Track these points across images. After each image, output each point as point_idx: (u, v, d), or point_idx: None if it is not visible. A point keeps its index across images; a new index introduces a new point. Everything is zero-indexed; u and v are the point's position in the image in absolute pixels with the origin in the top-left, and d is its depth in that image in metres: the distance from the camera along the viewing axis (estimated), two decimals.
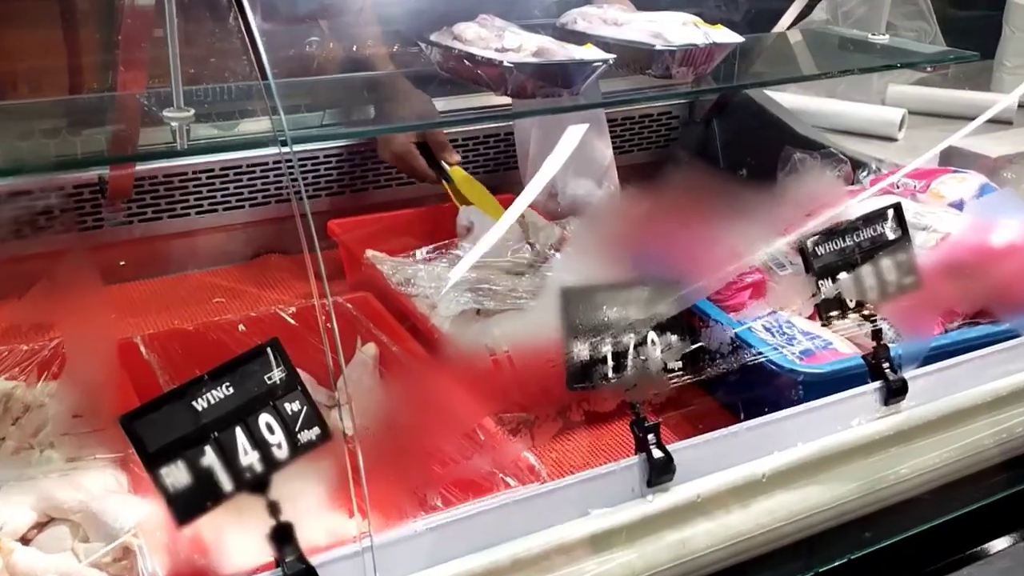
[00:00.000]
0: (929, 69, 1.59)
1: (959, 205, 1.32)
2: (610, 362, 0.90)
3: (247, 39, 0.78)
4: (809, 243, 1.01)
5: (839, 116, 1.81)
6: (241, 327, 1.15)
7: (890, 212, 1.06)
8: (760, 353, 1.09)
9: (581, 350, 0.90)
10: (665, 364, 0.93)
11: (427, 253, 1.42)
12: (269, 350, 0.77)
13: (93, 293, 1.02)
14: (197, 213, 1.51)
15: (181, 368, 1.10)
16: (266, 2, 1.52)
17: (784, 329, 1.20)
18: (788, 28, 1.72)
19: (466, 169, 1.50)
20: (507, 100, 1.11)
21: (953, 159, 1.52)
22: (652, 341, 0.93)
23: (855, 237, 1.04)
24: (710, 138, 1.91)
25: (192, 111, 0.91)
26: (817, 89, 1.98)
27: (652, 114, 1.85)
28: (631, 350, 0.91)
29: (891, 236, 1.06)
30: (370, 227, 1.48)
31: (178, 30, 0.91)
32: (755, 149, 1.79)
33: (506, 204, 1.31)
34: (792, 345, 1.17)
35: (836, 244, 1.04)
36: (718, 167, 1.89)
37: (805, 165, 1.48)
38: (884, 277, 1.05)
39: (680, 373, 0.95)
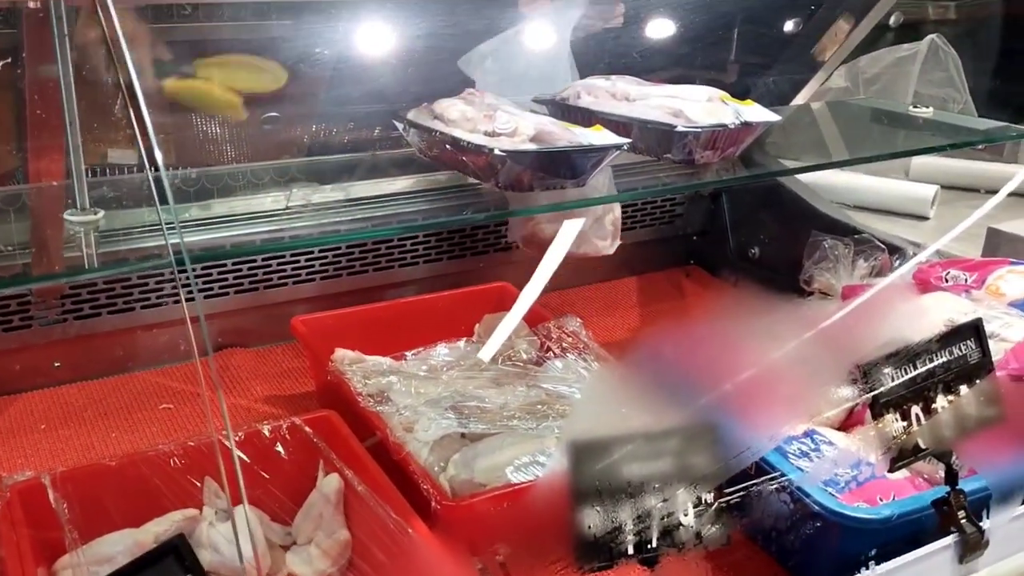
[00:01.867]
0: (981, 147, 1.42)
1: (1022, 305, 1.14)
2: (629, 533, 0.71)
3: (137, 131, 0.60)
4: (871, 378, 0.82)
5: (863, 191, 1.64)
6: (174, 461, 0.95)
7: (970, 330, 0.88)
8: (802, 495, 0.90)
9: (592, 520, 0.70)
10: (699, 532, 0.74)
11: (410, 356, 1.24)
12: (173, 556, 0.57)
13: None
14: (143, 307, 1.32)
15: (96, 517, 0.90)
16: None
17: (818, 444, 1.02)
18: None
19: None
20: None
21: (1002, 246, 1.35)
22: (682, 503, 0.73)
23: (927, 362, 0.85)
24: (718, 215, 1.73)
25: (99, 213, 0.72)
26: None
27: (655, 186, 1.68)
28: (657, 520, 0.71)
29: (972, 359, 0.88)
30: (341, 323, 1.29)
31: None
32: (769, 228, 1.62)
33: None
34: (836, 479, 0.99)
35: (905, 372, 0.85)
36: (726, 246, 1.72)
37: (837, 253, 1.30)
38: (963, 411, 0.86)
39: (718, 538, 0.75)
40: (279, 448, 1.01)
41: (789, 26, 1.50)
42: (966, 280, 1.20)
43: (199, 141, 1.17)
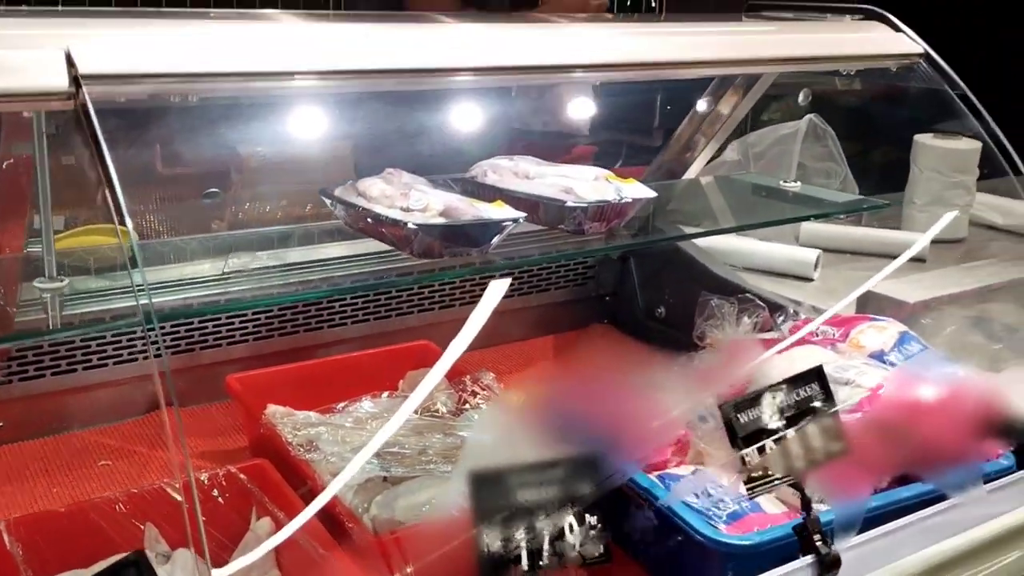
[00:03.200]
0: (842, 217, 1.60)
1: (879, 356, 1.29)
2: (524, 556, 0.82)
3: (112, 206, 0.71)
4: (730, 410, 0.96)
5: (754, 255, 1.81)
6: (119, 507, 1.04)
7: (814, 375, 1.02)
8: (683, 525, 1.03)
9: (492, 542, 0.82)
10: (583, 555, 0.86)
11: (338, 409, 1.34)
12: (132, 568, 0.67)
13: None
14: (84, 369, 1.40)
15: (50, 559, 0.99)
16: (169, 153, 1.48)
17: (710, 490, 1.15)
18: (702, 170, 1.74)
19: None
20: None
21: (869, 304, 1.51)
22: (571, 527, 0.85)
23: (779, 402, 0.99)
24: (627, 276, 1.89)
25: (65, 280, 0.83)
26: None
27: (567, 250, 1.83)
28: (546, 541, 0.83)
29: (817, 400, 1.02)
30: (273, 380, 1.39)
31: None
32: (672, 289, 1.78)
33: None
34: (719, 508, 1.11)
35: (760, 411, 0.99)
36: (635, 306, 1.87)
37: (723, 311, 1.45)
38: (811, 444, 1.01)
39: (602, 559, 0.88)
40: (216, 495, 1.10)
41: (676, 110, 1.68)
42: (833, 334, 1.36)
43: (144, 215, 1.28)
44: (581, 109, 1.68)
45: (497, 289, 1.19)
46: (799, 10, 1.48)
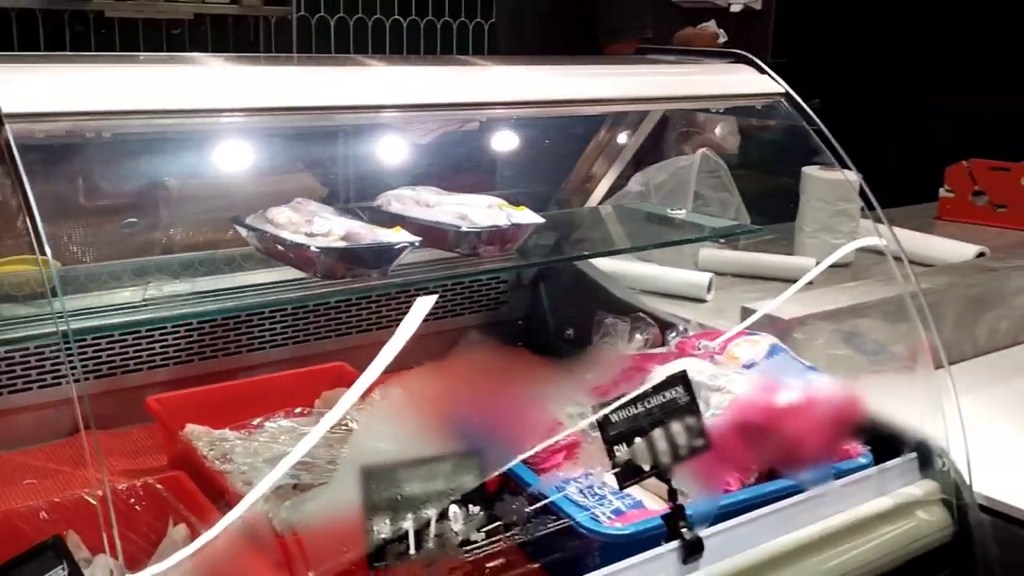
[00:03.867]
0: (722, 241, 1.74)
1: (751, 366, 1.42)
2: (411, 539, 0.92)
3: (33, 236, 0.80)
4: (604, 412, 1.08)
5: (653, 279, 1.94)
6: (43, 514, 1.11)
7: (679, 379, 1.14)
8: (565, 517, 1.13)
9: (381, 529, 0.91)
10: (467, 537, 0.96)
11: (254, 425, 1.42)
12: (51, 550, 0.75)
13: None
14: (9, 393, 1.46)
15: None
16: (91, 186, 1.56)
17: (596, 490, 1.25)
18: (602, 201, 1.87)
19: None
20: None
21: (755, 320, 1.64)
22: (454, 515, 0.95)
23: (646, 404, 1.11)
24: (537, 301, 2.00)
25: None
26: (636, 253, 2.13)
27: (481, 279, 1.94)
28: (431, 526, 0.93)
29: (681, 402, 1.14)
30: (193, 401, 1.47)
31: None
32: (578, 311, 1.89)
33: None
34: (603, 506, 1.22)
35: (629, 411, 1.10)
36: (547, 328, 1.98)
37: (617, 329, 1.57)
38: (676, 441, 1.12)
39: (484, 544, 0.98)
40: (134, 503, 1.18)
41: (578, 144, 1.81)
42: (713, 348, 1.49)
43: (63, 243, 1.36)
44: (488, 143, 1.80)
45: (423, 305, 1.30)
46: (680, 54, 1.62)
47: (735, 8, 4.56)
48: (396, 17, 5.29)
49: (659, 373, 1.37)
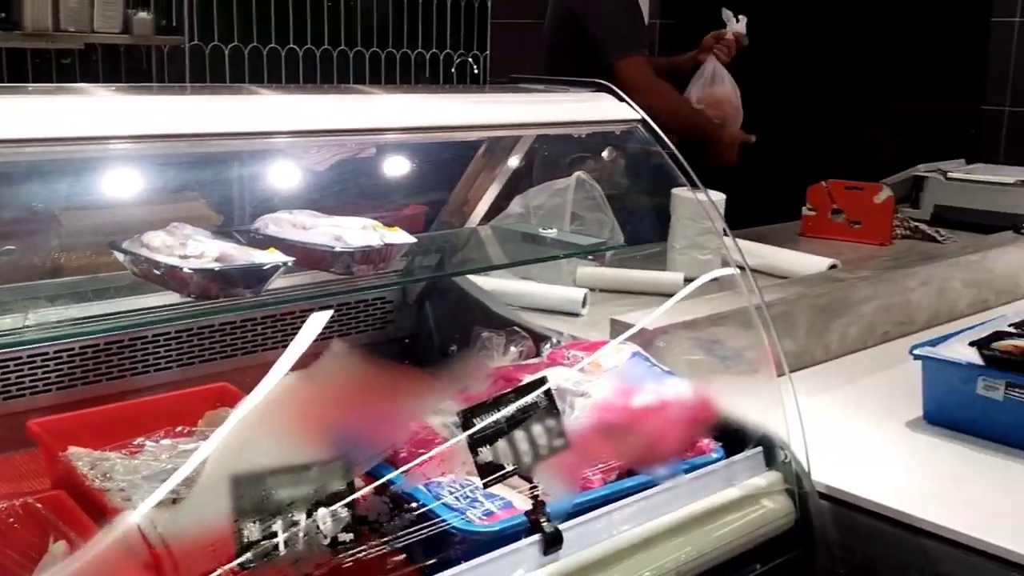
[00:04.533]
0: (590, 257, 1.85)
1: (614, 372, 1.52)
2: (280, 541, 0.98)
3: None
4: (468, 416, 1.16)
5: (532, 296, 2.04)
6: None
7: (539, 384, 1.23)
8: (437, 519, 1.20)
9: (251, 533, 0.97)
10: (335, 537, 1.02)
11: (136, 444, 1.45)
12: None
13: None
14: None
15: None
16: None
17: (468, 494, 1.33)
18: (483, 223, 1.96)
19: None
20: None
21: (620, 330, 1.75)
22: (322, 517, 1.02)
23: (508, 407, 1.19)
24: (423, 319, 2.07)
25: None
26: (519, 271, 2.22)
27: (366, 299, 2.00)
28: (300, 528, 0.99)
29: (541, 405, 1.23)
30: (75, 424, 1.49)
31: None
32: (461, 328, 1.97)
33: None
34: (475, 508, 1.30)
35: (492, 415, 1.18)
36: (433, 346, 2.06)
37: (492, 343, 1.66)
38: (537, 441, 1.21)
39: (351, 544, 1.04)
40: (13, 522, 1.20)
41: (458, 169, 1.90)
42: (581, 357, 1.58)
43: None
44: (375, 168, 1.87)
45: (318, 320, 1.35)
46: (548, 83, 1.73)
47: None
48: (291, 46, 5.33)
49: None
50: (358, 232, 1.34)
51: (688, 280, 2.17)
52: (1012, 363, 1.58)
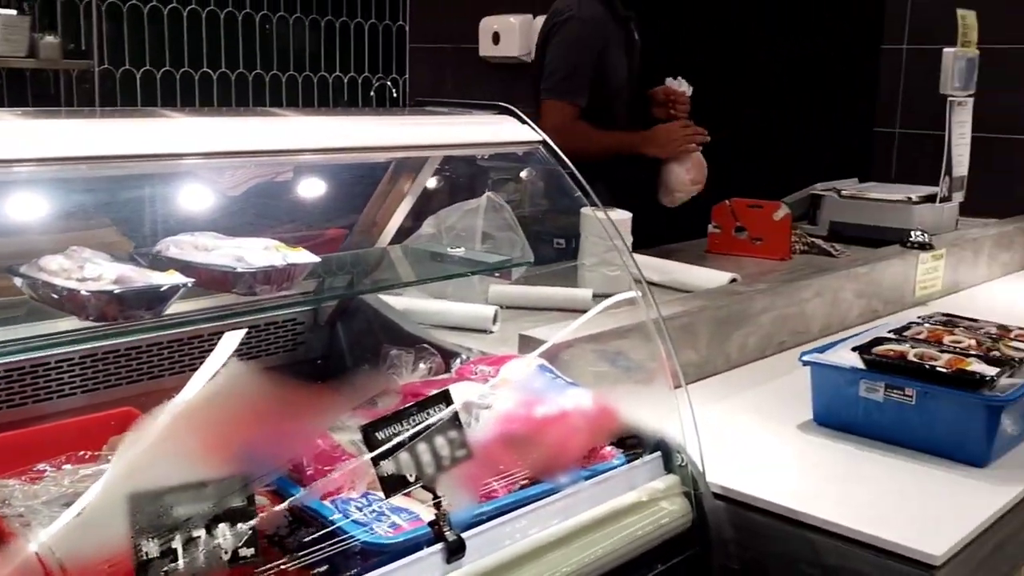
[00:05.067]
0: (496, 275, 1.90)
1: (520, 386, 1.57)
2: (179, 557, 0.99)
3: None
4: (367, 429, 1.18)
5: (444, 314, 2.07)
6: None
7: (441, 397, 1.27)
8: (344, 534, 1.22)
9: (150, 550, 0.98)
10: (236, 552, 1.03)
11: (36, 470, 1.43)
12: None
13: None
14: None
15: None
16: None
17: (375, 508, 1.35)
18: (394, 242, 1.99)
19: None
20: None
21: (529, 346, 1.80)
22: (222, 532, 1.03)
23: (410, 421, 1.23)
24: (335, 340, 2.09)
25: None
26: (431, 291, 2.26)
27: (277, 320, 2.01)
28: (200, 543, 1.00)
29: (444, 417, 1.26)
30: None
31: None
32: (372, 348, 2.00)
33: None
34: (381, 521, 1.32)
35: (394, 429, 1.21)
36: (345, 366, 2.07)
37: (401, 360, 1.69)
38: (439, 453, 1.24)
39: (253, 559, 1.06)
40: None
41: (367, 190, 1.93)
42: (489, 372, 1.63)
43: None
44: (288, 190, 1.89)
45: (231, 340, 1.35)
46: (452, 106, 1.78)
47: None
48: (205, 70, 5.30)
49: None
50: (260, 253, 1.36)
51: (597, 296, 2.25)
52: (890, 366, 1.68)
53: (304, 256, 1.39)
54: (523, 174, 2.05)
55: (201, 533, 1.01)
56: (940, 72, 2.99)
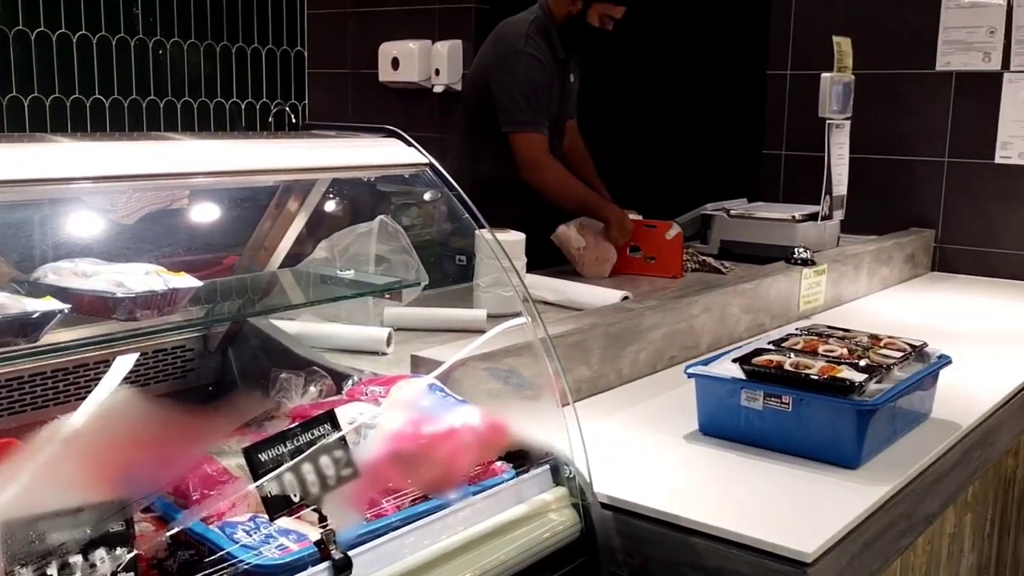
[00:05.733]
0: (388, 296, 1.92)
1: (410, 405, 1.58)
2: None
3: None
4: (249, 451, 1.18)
5: (337, 337, 2.08)
6: None
7: (325, 418, 1.28)
8: (227, 556, 1.22)
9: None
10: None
11: None
12: None
13: None
14: None
15: None
16: None
17: (263, 530, 1.35)
18: (284, 266, 1.99)
19: None
20: None
21: (421, 365, 1.82)
22: (100, 558, 1.02)
23: (294, 442, 1.23)
24: (227, 366, 2.07)
25: None
26: (325, 314, 2.26)
27: (164, 347, 1.98)
28: (74, 569, 0.99)
29: (329, 438, 1.27)
30: None
31: None
32: (264, 373, 1.98)
33: None
34: (269, 543, 1.32)
35: (278, 450, 1.22)
36: (237, 392, 2.05)
37: (291, 384, 1.69)
38: (325, 472, 1.25)
39: None
40: None
41: (255, 214, 1.93)
42: (379, 392, 1.64)
43: None
44: (178, 215, 1.88)
45: (122, 365, 1.33)
46: (341, 130, 1.80)
47: (438, 89, 4.90)
48: (97, 96, 5.18)
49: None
50: (141, 278, 1.35)
51: (492, 316, 2.29)
52: (768, 375, 1.76)
53: (186, 281, 1.38)
54: (427, 196, 2.07)
55: (77, 559, 1.00)
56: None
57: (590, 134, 3.50)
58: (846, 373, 1.76)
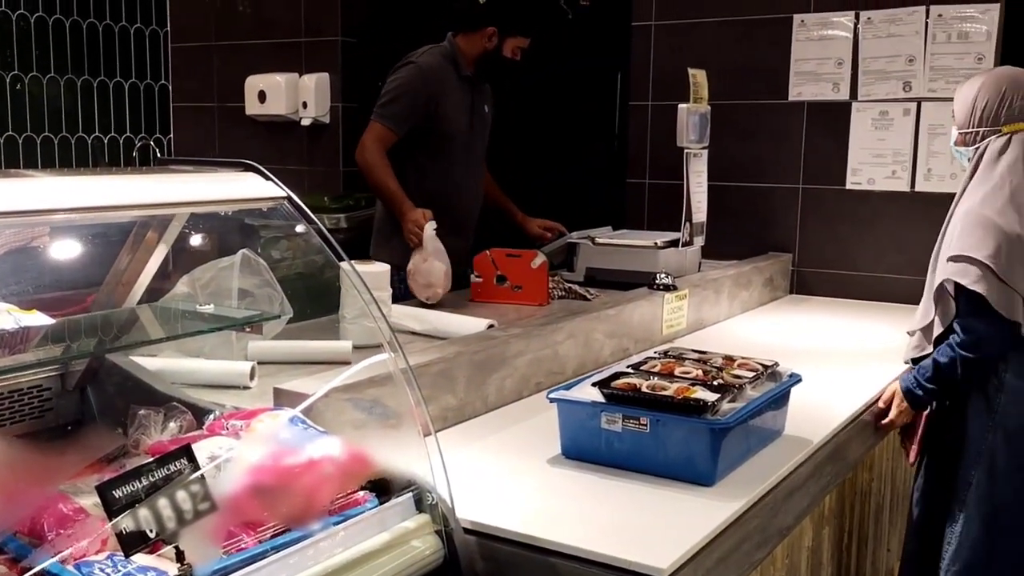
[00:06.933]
0: (248, 329, 1.91)
1: (271, 438, 1.58)
2: None
3: None
4: (102, 488, 1.17)
5: (199, 372, 2.05)
6: None
7: (182, 452, 1.27)
8: None
9: None
10: None
11: None
12: None
13: None
14: None
15: None
16: None
17: (120, 568, 1.32)
18: (143, 302, 1.95)
19: None
20: None
21: (283, 397, 1.81)
22: None
23: (149, 477, 1.22)
24: (86, 405, 2.01)
25: None
26: (187, 350, 2.22)
27: (20, 387, 1.91)
28: None
29: (185, 472, 1.26)
30: None
31: None
32: (124, 411, 1.93)
33: None
34: None
35: (133, 486, 1.20)
36: (97, 431, 1.99)
37: (150, 420, 1.66)
38: (181, 507, 1.24)
39: None
40: None
41: (112, 250, 1.89)
42: (240, 426, 1.63)
43: None
44: (35, 252, 1.82)
45: None
46: (198, 164, 1.79)
47: (305, 122, 4.88)
48: None
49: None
50: None
51: (358, 347, 2.30)
52: (626, 398, 1.83)
53: (38, 319, 1.35)
54: (298, 229, 2.08)
55: None
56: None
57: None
58: (700, 394, 1.85)
